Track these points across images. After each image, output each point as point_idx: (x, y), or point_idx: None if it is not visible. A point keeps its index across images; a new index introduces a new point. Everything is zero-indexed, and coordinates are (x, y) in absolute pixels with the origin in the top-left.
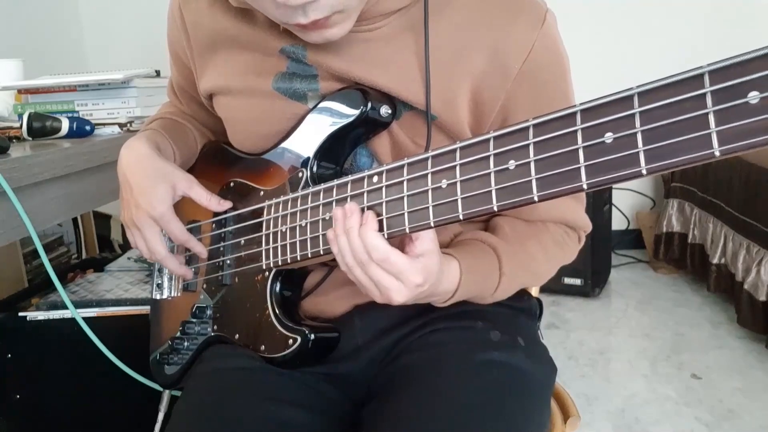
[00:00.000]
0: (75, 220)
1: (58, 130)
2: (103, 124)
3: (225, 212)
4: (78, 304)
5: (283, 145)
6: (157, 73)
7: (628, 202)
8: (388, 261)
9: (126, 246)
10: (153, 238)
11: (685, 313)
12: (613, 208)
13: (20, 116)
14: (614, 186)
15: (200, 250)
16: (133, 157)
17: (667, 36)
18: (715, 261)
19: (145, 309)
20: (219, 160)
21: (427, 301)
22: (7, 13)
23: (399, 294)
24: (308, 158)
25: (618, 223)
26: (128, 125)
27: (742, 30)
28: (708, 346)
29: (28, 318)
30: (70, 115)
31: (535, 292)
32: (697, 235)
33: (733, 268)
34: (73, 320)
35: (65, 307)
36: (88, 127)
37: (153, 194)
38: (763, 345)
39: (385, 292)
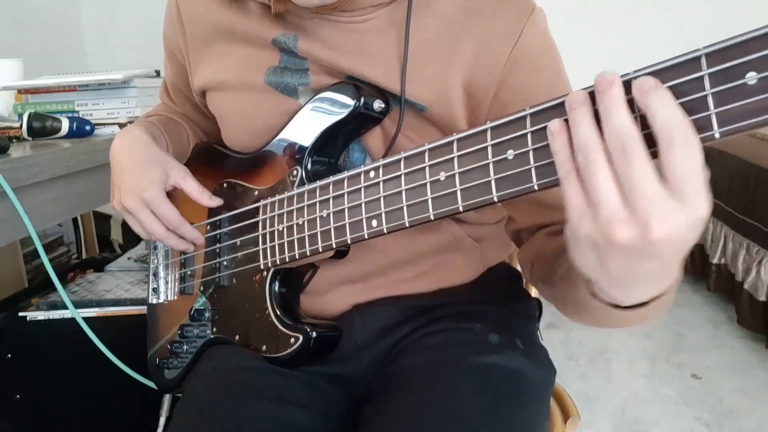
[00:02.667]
0: (75, 220)
1: (58, 130)
2: (103, 124)
3: (219, 213)
4: (78, 304)
5: (276, 142)
6: (157, 73)
7: None
8: (690, 146)
9: (126, 246)
10: (148, 220)
11: (685, 313)
12: None
13: (20, 116)
14: None
15: (195, 236)
16: (128, 141)
17: (660, 29)
18: (715, 261)
19: (145, 309)
20: (210, 161)
21: (663, 280)
22: (7, 13)
23: (671, 225)
24: (302, 156)
25: None
26: (128, 125)
27: (735, 27)
28: (708, 346)
29: (28, 318)
30: (70, 115)
31: (534, 292)
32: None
33: (733, 268)
34: (73, 320)
35: (65, 307)
36: (88, 127)
37: (145, 177)
38: (763, 345)
39: (643, 216)
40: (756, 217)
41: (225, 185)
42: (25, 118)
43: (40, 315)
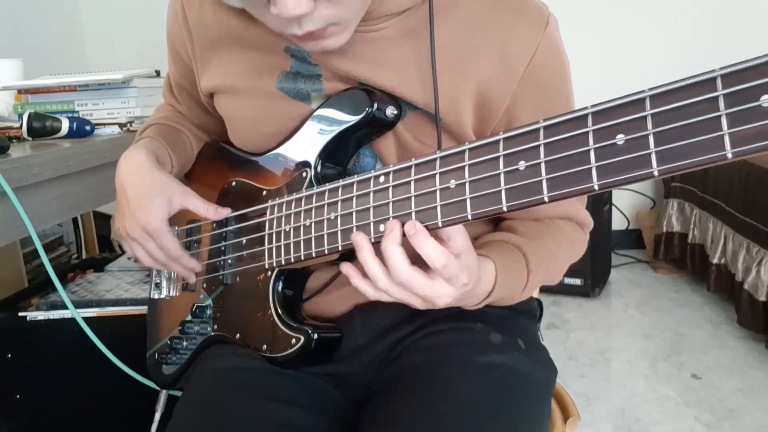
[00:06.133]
0: (75, 220)
1: (58, 130)
2: (103, 124)
3: None
4: (78, 304)
5: (287, 145)
6: (157, 73)
7: (628, 202)
8: (448, 268)
9: None
10: (152, 249)
11: (685, 313)
12: (613, 208)
13: (20, 116)
14: None
15: (194, 265)
16: (132, 167)
17: (655, 39)
18: (715, 261)
19: (146, 309)
20: (220, 160)
21: (463, 303)
22: (7, 13)
23: (445, 298)
24: (313, 158)
25: (618, 223)
26: (128, 125)
27: (731, 35)
28: (708, 346)
29: (28, 318)
30: (70, 115)
31: (535, 292)
32: (697, 235)
33: (733, 268)
34: (73, 320)
35: (65, 307)
36: (88, 127)
37: (149, 208)
38: (763, 345)
39: (431, 300)
40: (756, 217)
41: (234, 183)
42: (25, 118)
43: (40, 315)
